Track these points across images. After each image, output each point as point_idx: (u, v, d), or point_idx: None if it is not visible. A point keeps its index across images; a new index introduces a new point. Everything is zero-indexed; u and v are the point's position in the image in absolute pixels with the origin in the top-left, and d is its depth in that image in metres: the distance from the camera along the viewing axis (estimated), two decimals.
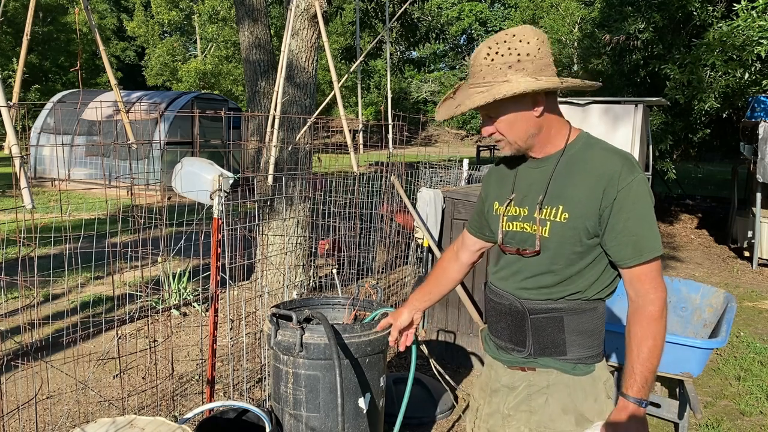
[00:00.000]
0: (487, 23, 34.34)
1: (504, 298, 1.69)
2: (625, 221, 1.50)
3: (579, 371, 1.62)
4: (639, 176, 1.51)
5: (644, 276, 1.52)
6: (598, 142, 1.61)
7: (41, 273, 3.30)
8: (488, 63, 1.52)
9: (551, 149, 1.62)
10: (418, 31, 13.11)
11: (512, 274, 1.68)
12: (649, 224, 1.51)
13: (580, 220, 1.54)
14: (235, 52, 27.06)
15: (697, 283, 3.81)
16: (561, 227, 1.57)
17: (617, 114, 4.97)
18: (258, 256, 5.15)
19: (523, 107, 1.54)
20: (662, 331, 1.51)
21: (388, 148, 5.49)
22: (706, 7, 7.95)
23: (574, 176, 1.57)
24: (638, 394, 1.49)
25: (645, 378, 1.49)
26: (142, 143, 3.86)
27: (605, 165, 1.53)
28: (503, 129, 1.57)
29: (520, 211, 1.66)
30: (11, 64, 21.96)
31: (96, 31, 3.56)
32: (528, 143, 1.60)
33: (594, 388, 1.63)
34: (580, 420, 1.62)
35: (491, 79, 1.51)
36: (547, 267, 1.60)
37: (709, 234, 9.71)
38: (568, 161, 1.60)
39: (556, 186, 1.59)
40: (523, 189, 1.67)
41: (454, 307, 4.24)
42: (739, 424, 3.60)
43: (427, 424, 3.40)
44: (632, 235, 1.50)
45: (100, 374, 3.87)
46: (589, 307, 1.61)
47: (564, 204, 1.57)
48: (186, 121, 12.53)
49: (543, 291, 1.62)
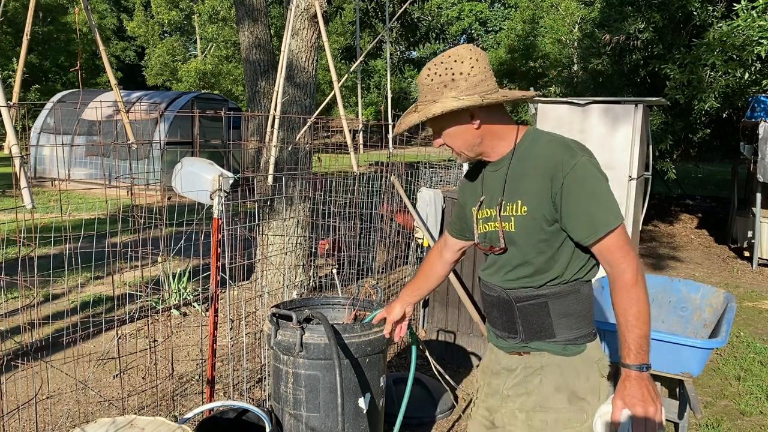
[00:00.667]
0: (487, 23, 34.34)
1: (493, 290, 1.81)
2: (576, 203, 1.60)
3: (570, 351, 1.71)
4: (581, 159, 1.62)
5: (611, 248, 1.60)
6: (543, 136, 1.73)
7: (41, 273, 3.30)
8: (428, 83, 1.67)
9: (503, 150, 1.75)
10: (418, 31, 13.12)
11: (497, 270, 1.79)
12: (600, 200, 1.60)
13: (537, 210, 1.65)
14: (235, 52, 27.05)
15: (697, 283, 3.81)
16: (523, 220, 1.68)
17: (617, 114, 4.97)
18: (258, 256, 5.15)
19: (462, 121, 1.68)
20: (642, 296, 1.58)
21: (388, 148, 5.50)
22: (706, 7, 7.95)
23: (525, 171, 1.69)
24: (636, 360, 1.55)
25: (638, 344, 1.55)
26: (142, 143, 3.86)
27: (549, 155, 1.65)
28: (448, 141, 1.72)
29: (490, 212, 1.79)
30: (11, 64, 21.95)
31: (96, 31, 3.57)
32: (476, 151, 1.74)
33: (586, 367, 1.71)
34: (572, 398, 1.70)
35: (431, 97, 1.67)
36: (522, 259, 1.72)
37: (709, 234, 9.71)
38: (519, 159, 1.72)
39: (512, 183, 1.72)
40: (489, 191, 1.80)
41: (454, 307, 4.24)
42: (739, 424, 3.60)
43: (427, 424, 3.40)
44: (585, 214, 1.60)
45: (100, 374, 3.87)
46: (571, 289, 1.70)
47: (522, 198, 1.68)
48: (186, 121, 12.52)
49: (524, 281, 1.73)
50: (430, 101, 1.67)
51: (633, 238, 5.37)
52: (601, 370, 1.74)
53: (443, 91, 1.64)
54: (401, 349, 4.44)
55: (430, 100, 1.67)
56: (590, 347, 1.73)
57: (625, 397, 1.55)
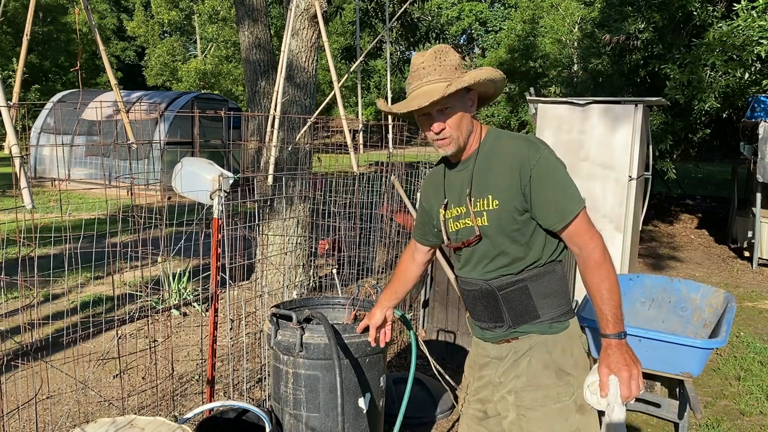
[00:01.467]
0: (487, 23, 34.32)
1: (474, 285, 1.87)
2: (545, 193, 1.71)
3: (555, 329, 1.80)
4: (544, 152, 1.73)
5: (578, 230, 1.72)
6: (504, 134, 1.83)
7: (41, 273, 3.30)
8: (440, 63, 1.75)
9: (470, 150, 1.84)
10: (418, 31, 13.11)
11: (475, 265, 1.86)
12: (564, 189, 1.72)
13: (509, 202, 1.75)
14: (235, 52, 27.05)
15: (697, 283, 3.81)
16: (495, 213, 1.77)
17: (617, 114, 4.96)
18: (258, 256, 5.15)
19: (466, 105, 1.77)
20: (611, 270, 1.70)
21: (388, 148, 5.49)
22: (706, 7, 7.94)
23: (492, 167, 1.78)
24: (614, 330, 1.66)
25: (614, 314, 1.67)
26: (142, 143, 3.86)
27: (515, 151, 1.75)
28: (452, 124, 1.76)
29: (459, 210, 1.86)
30: (11, 64, 21.95)
31: (96, 31, 3.57)
32: (465, 141, 1.81)
33: (570, 342, 1.82)
34: (559, 373, 1.78)
35: (446, 75, 1.74)
36: (498, 250, 1.80)
37: (709, 234, 9.71)
38: (485, 156, 1.81)
39: (480, 180, 1.80)
40: (455, 191, 1.87)
41: (454, 307, 4.24)
42: (739, 424, 3.60)
43: (427, 424, 3.40)
44: (553, 202, 1.71)
45: (100, 374, 3.87)
46: (547, 270, 1.80)
47: (492, 193, 1.77)
48: (186, 121, 12.52)
49: (503, 270, 1.81)
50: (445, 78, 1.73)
51: (633, 238, 5.36)
52: (584, 344, 1.85)
53: (455, 71, 1.75)
54: (401, 349, 4.43)
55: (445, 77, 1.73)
56: (572, 323, 1.83)
57: (611, 364, 1.65)
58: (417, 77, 1.77)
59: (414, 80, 1.78)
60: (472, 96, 1.79)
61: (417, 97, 1.74)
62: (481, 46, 36.44)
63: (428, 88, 1.73)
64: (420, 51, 1.93)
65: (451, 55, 1.77)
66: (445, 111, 1.74)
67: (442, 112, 1.74)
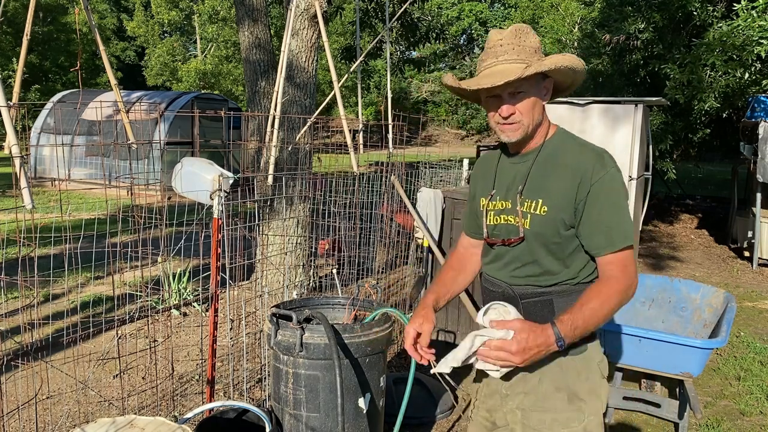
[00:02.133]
0: (487, 23, 34.31)
1: (497, 286, 1.77)
2: (598, 212, 1.59)
3: (571, 351, 1.67)
4: (611, 170, 1.60)
5: (616, 262, 1.59)
6: (573, 138, 1.71)
7: (41, 273, 3.30)
8: (519, 43, 1.62)
9: (533, 144, 1.71)
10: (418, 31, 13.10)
11: (504, 265, 1.75)
12: (621, 215, 1.59)
13: (557, 212, 1.63)
14: (235, 52, 27.05)
15: (697, 283, 3.81)
16: (541, 219, 1.65)
17: (617, 114, 4.96)
18: (258, 256, 5.15)
19: (540, 92, 1.65)
20: (611, 304, 1.55)
21: (388, 148, 5.49)
22: (706, 7, 7.94)
23: (551, 170, 1.66)
24: (562, 330, 1.52)
25: (575, 325, 1.53)
26: (142, 143, 3.86)
27: (580, 160, 1.62)
28: (524, 109, 1.63)
29: (504, 204, 1.73)
30: (11, 64, 21.95)
31: (96, 31, 3.56)
32: (533, 131, 1.68)
33: (586, 367, 1.69)
34: (572, 398, 1.68)
35: (525, 57, 1.61)
36: (532, 257, 1.69)
37: (709, 234, 9.71)
38: (547, 156, 1.68)
39: (535, 180, 1.68)
40: (505, 183, 1.75)
41: (454, 307, 4.24)
42: (739, 424, 3.60)
43: (427, 424, 3.40)
44: (605, 225, 1.59)
45: (100, 374, 3.87)
46: (577, 289, 1.66)
47: (543, 197, 1.65)
48: (186, 121, 12.52)
49: (531, 279, 1.70)
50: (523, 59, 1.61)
51: (633, 238, 5.36)
52: (602, 370, 1.72)
53: (533, 54, 1.63)
54: (401, 349, 4.43)
55: (523, 59, 1.61)
56: (591, 348, 1.71)
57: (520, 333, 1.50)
58: (493, 54, 1.64)
59: (488, 57, 1.65)
60: (547, 84, 1.66)
61: (490, 75, 1.61)
62: (481, 46, 36.43)
63: (503, 68, 1.60)
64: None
65: (531, 37, 1.64)
66: (517, 95, 1.61)
67: (514, 96, 1.61)
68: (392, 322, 2.73)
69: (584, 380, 1.69)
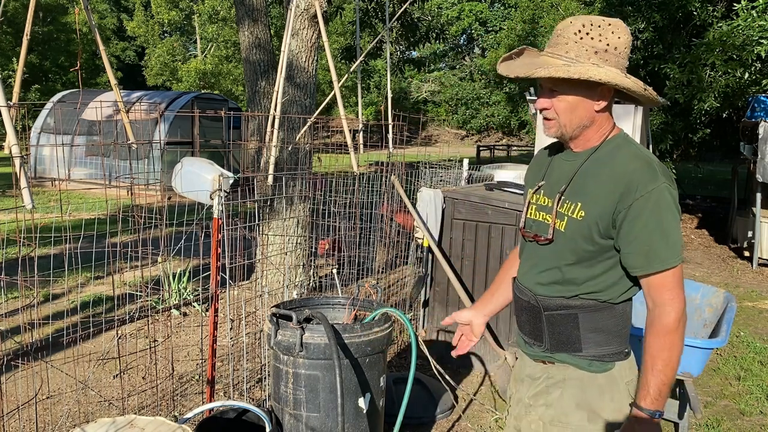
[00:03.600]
0: (487, 23, 34.32)
1: (524, 294, 1.71)
2: (639, 230, 1.48)
3: (595, 368, 1.62)
4: (660, 185, 1.48)
5: (660, 286, 1.50)
6: (630, 145, 1.58)
7: (41, 273, 3.30)
8: (576, 40, 1.52)
9: (589, 145, 1.62)
10: (418, 31, 13.11)
11: (531, 267, 1.70)
12: (664, 235, 1.48)
13: (594, 219, 1.54)
14: (235, 52, 27.06)
15: (697, 283, 3.81)
16: (576, 224, 1.57)
17: (617, 114, 4.96)
18: (258, 256, 5.15)
19: (590, 95, 1.54)
20: (678, 343, 1.50)
21: (388, 148, 5.49)
22: (706, 7, 7.95)
23: (597, 175, 1.57)
24: (651, 406, 1.49)
25: (659, 390, 1.49)
26: (142, 143, 3.86)
27: (627, 169, 1.51)
28: (560, 109, 1.56)
29: (547, 201, 1.67)
30: (11, 64, 21.96)
31: (96, 31, 3.56)
32: (575, 132, 1.60)
33: (611, 386, 1.62)
34: (592, 416, 1.62)
35: (574, 56, 1.51)
36: (560, 261, 1.61)
37: (709, 234, 9.71)
38: (597, 159, 1.59)
39: (579, 182, 1.60)
40: (553, 179, 1.68)
41: (454, 307, 4.24)
42: (739, 424, 3.60)
43: (427, 424, 3.40)
44: (644, 245, 1.48)
45: (100, 374, 3.87)
46: (605, 306, 1.60)
47: (582, 201, 1.57)
48: (186, 121, 12.52)
49: (556, 288, 1.63)
50: (571, 58, 1.51)
51: None
52: (632, 391, 1.63)
53: (591, 57, 1.50)
54: (401, 349, 4.44)
55: (572, 57, 1.51)
56: (619, 366, 1.63)
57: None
58: (551, 43, 1.57)
59: (548, 45, 1.58)
60: (604, 89, 1.53)
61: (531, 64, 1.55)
62: (481, 46, 36.44)
63: (542, 60, 1.54)
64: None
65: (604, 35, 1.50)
66: (553, 92, 1.55)
67: (551, 92, 1.56)
68: (392, 322, 2.73)
69: (609, 400, 1.61)
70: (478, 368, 4.13)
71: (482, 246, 4.08)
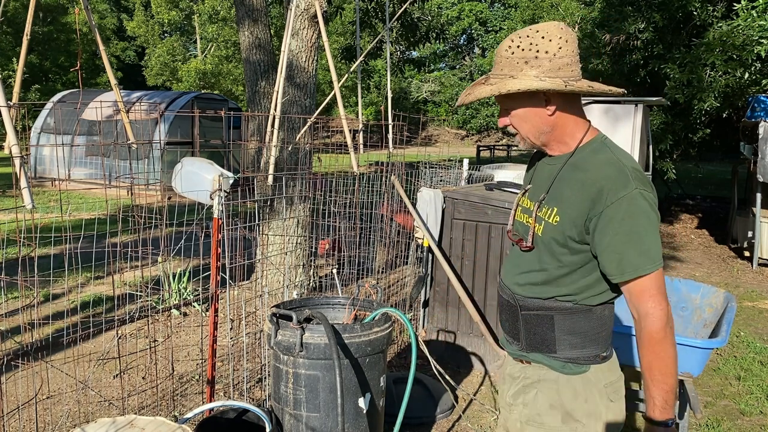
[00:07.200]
0: (487, 23, 34.35)
1: (504, 292, 1.74)
2: (611, 238, 1.48)
3: (569, 370, 1.62)
4: (632, 192, 1.46)
5: (640, 293, 1.49)
6: (605, 150, 1.57)
7: (41, 273, 3.30)
8: (508, 56, 1.54)
9: (564, 149, 1.63)
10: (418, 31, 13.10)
11: (512, 267, 1.72)
12: (637, 242, 1.46)
13: (568, 224, 1.55)
14: (235, 52, 27.07)
15: (697, 283, 3.81)
16: (551, 229, 1.58)
17: (617, 114, 4.97)
18: (258, 256, 5.15)
19: (536, 104, 1.55)
20: (669, 350, 1.50)
21: (388, 148, 5.49)
22: (706, 7, 7.95)
23: (571, 181, 1.57)
24: (661, 417, 1.49)
25: (664, 399, 1.49)
26: (142, 143, 3.86)
27: (599, 176, 1.51)
28: (515, 123, 1.60)
29: (530, 204, 1.70)
30: (11, 64, 21.96)
31: (96, 31, 3.56)
32: (540, 140, 1.62)
33: (585, 389, 1.62)
34: (566, 418, 1.63)
35: (508, 71, 1.54)
36: (538, 264, 1.63)
37: (709, 234, 9.71)
38: (573, 165, 1.59)
39: (557, 187, 1.61)
40: (537, 183, 1.71)
41: (454, 307, 4.24)
42: (739, 424, 3.60)
43: (427, 424, 3.40)
44: (616, 252, 1.48)
45: (100, 374, 3.87)
46: (582, 309, 1.60)
47: (558, 207, 1.58)
48: (186, 121, 12.53)
49: (533, 288, 1.64)
50: (506, 75, 1.53)
51: None
52: (609, 395, 1.63)
53: (523, 68, 1.51)
54: (401, 349, 4.44)
55: (507, 75, 1.53)
56: (595, 369, 1.63)
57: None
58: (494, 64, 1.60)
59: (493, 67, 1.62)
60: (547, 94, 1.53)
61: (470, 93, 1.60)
62: (481, 46, 36.47)
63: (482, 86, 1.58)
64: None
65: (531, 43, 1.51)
66: (506, 110, 1.60)
67: (505, 110, 1.60)
68: (392, 322, 2.73)
69: (582, 401, 1.62)
70: (478, 368, 4.13)
71: (482, 246, 4.08)
